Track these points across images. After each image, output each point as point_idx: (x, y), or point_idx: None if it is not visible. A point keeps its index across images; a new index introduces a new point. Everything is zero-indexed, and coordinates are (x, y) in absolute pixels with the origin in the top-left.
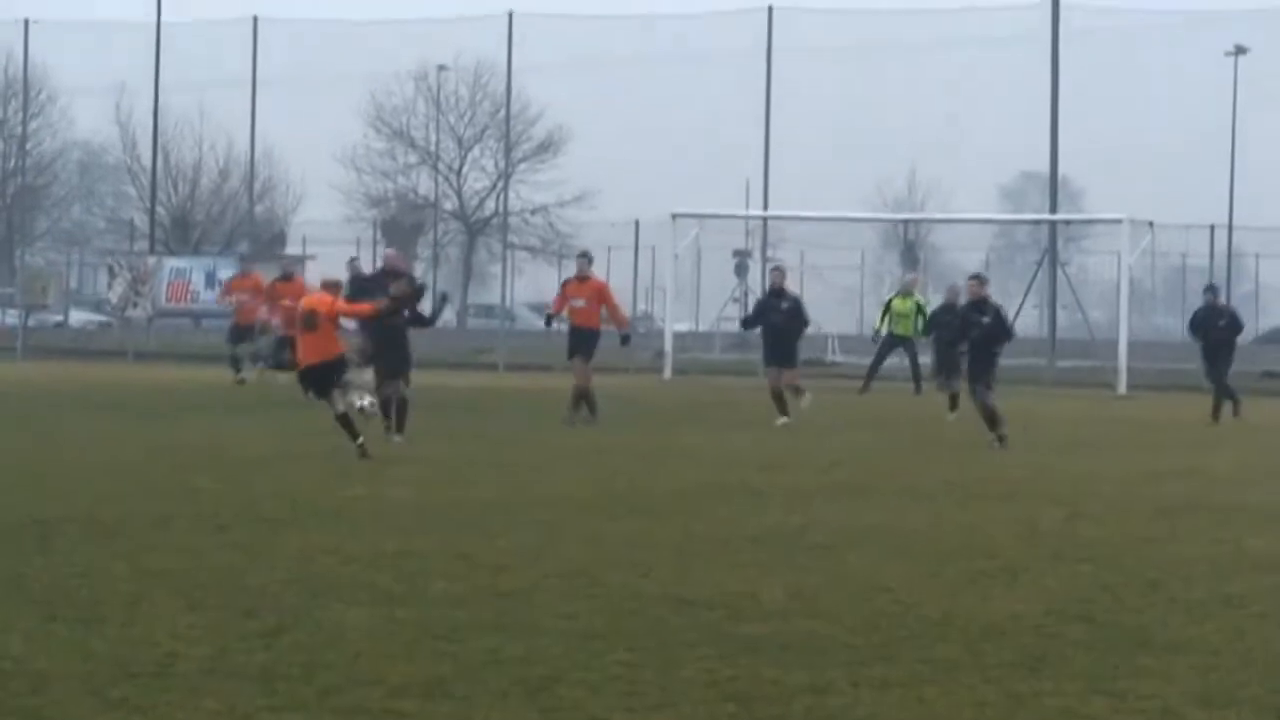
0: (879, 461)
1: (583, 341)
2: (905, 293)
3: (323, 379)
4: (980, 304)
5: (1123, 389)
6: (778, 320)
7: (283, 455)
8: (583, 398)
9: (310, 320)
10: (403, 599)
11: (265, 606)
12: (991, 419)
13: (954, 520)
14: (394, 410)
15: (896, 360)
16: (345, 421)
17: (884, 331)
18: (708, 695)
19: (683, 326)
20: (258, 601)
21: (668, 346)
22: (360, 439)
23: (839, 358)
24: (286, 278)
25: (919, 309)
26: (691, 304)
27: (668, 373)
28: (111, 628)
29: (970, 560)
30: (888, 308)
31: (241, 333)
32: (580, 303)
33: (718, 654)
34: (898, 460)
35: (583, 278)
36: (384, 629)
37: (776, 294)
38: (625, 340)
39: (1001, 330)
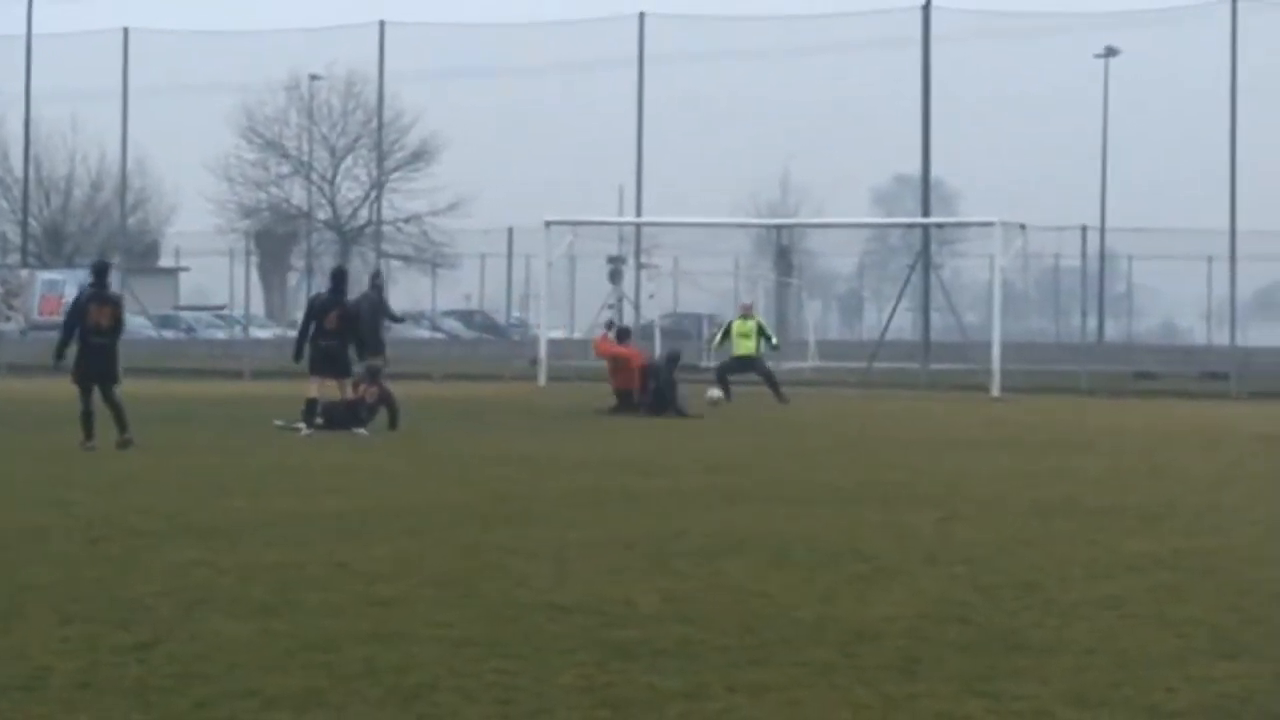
0: (756, 467)
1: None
2: (745, 315)
3: None
4: None
5: (996, 391)
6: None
7: (158, 468)
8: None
9: None
10: (278, 610)
11: (139, 619)
12: None
13: (830, 524)
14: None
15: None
16: None
17: (712, 351)
18: (583, 701)
19: (558, 333)
20: (132, 614)
21: (542, 353)
22: None
23: (711, 362)
24: None
25: (761, 330)
26: (566, 311)
27: (543, 379)
28: None
29: (846, 564)
30: (728, 331)
31: None
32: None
33: (593, 660)
34: (775, 466)
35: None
36: (259, 640)
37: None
38: None
39: None
